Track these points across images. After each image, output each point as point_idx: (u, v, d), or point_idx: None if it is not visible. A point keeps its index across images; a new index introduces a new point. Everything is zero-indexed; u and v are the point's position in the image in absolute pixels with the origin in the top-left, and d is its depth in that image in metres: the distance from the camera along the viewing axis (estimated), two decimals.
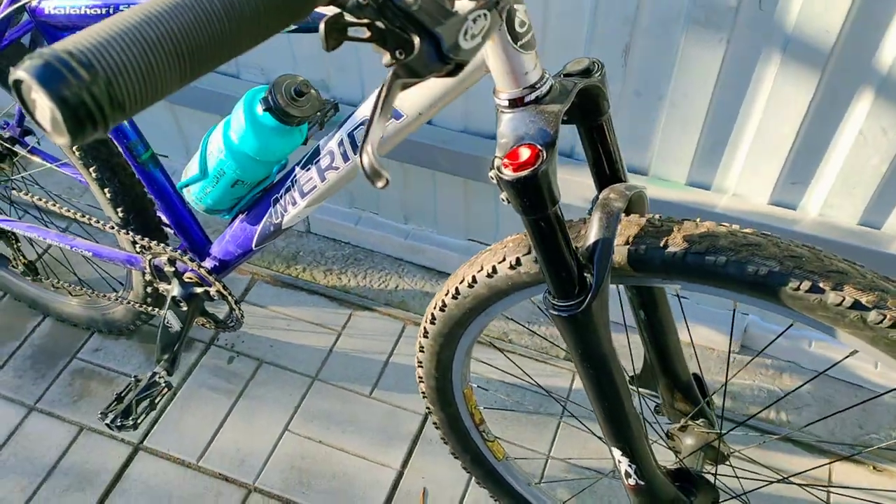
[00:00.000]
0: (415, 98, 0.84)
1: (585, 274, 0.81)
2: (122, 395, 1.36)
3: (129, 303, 1.48)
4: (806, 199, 1.37)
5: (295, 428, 1.58)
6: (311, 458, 1.53)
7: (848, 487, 1.46)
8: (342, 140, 0.93)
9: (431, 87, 0.82)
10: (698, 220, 0.83)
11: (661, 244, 0.81)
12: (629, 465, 0.96)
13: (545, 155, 0.72)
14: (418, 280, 1.84)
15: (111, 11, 0.97)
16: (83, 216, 1.26)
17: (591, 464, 1.50)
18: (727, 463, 1.10)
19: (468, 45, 0.47)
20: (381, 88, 0.46)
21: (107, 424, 1.31)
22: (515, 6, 0.69)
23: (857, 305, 0.73)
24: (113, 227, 1.26)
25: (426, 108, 0.84)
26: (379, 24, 0.45)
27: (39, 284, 1.67)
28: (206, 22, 0.35)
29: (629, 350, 1.13)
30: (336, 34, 0.44)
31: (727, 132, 1.32)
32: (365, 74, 1.54)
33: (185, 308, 1.29)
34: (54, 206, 1.29)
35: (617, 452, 0.95)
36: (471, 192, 1.67)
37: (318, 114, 1.00)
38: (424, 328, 1.08)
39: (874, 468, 1.51)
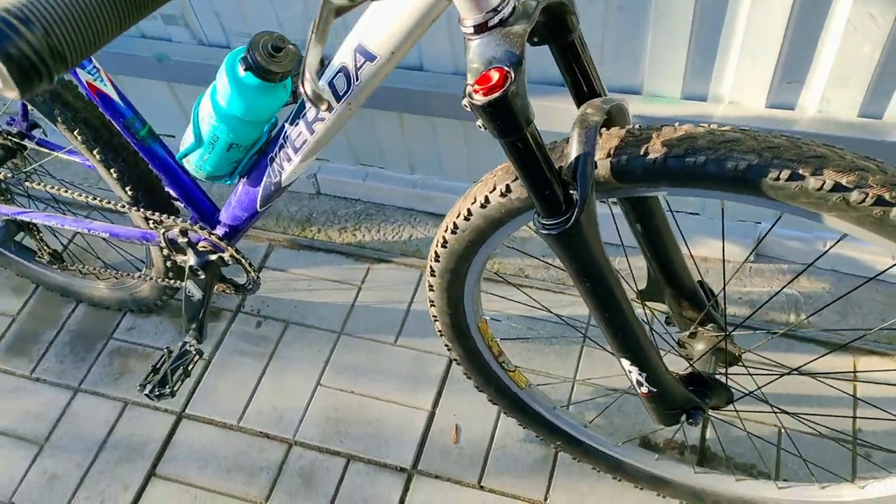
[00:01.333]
0: (385, 38, 0.85)
1: (571, 191, 0.83)
2: (158, 366, 1.42)
3: (152, 279, 1.53)
4: (803, 98, 1.36)
5: (326, 382, 1.63)
6: (345, 409, 1.59)
7: (856, 372, 1.48)
8: (324, 89, 0.95)
9: (399, 25, 0.83)
10: (677, 124, 0.84)
11: (642, 152, 0.82)
12: (639, 374, 0.98)
13: (513, 75, 0.74)
14: (430, 228, 1.86)
15: None
16: (95, 199, 1.30)
17: (616, 383, 1.53)
18: (740, 364, 1.12)
19: None
20: (317, 16, 0.48)
21: (146, 395, 1.37)
22: None
23: (838, 187, 0.74)
24: (124, 207, 1.30)
25: (397, 47, 0.85)
26: None
27: (68, 272, 1.73)
28: None
29: (630, 270, 1.15)
30: None
31: (715, 39, 1.31)
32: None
33: (203, 276, 1.33)
34: (67, 192, 1.33)
35: (626, 363, 0.98)
36: (471, 134, 1.68)
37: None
38: (431, 267, 1.11)
39: None
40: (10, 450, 1.61)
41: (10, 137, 1.44)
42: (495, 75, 0.74)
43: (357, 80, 0.90)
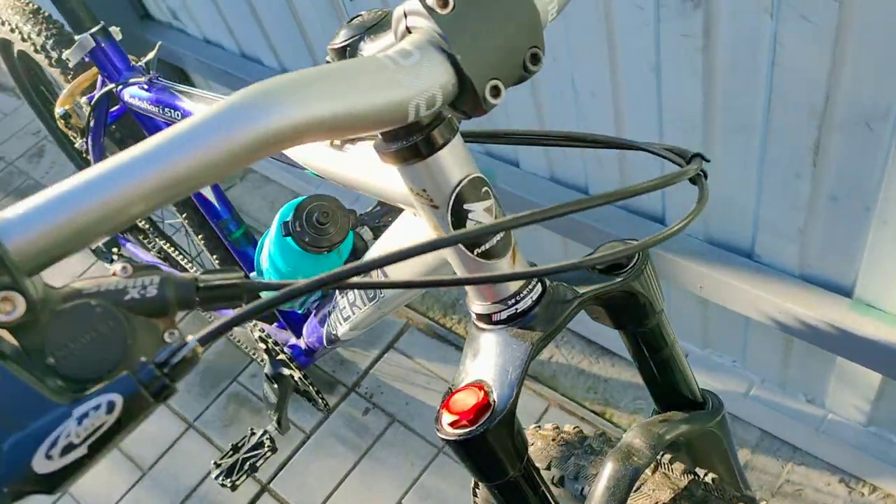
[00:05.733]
0: (397, 269, 0.66)
1: None
2: (238, 445, 1.38)
3: None
4: None
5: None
6: None
7: None
8: None
9: (408, 264, 0.64)
10: None
11: None
12: None
13: (499, 406, 0.52)
14: (576, 354, 1.62)
15: (162, 111, 0.92)
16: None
17: None
18: None
19: (46, 470, 0.29)
20: None
21: (213, 478, 1.34)
22: (469, 206, 0.50)
23: None
24: None
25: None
26: None
27: None
28: None
29: None
30: None
31: None
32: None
33: (275, 385, 1.24)
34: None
35: None
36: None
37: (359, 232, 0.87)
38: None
39: None
40: (119, 468, 1.68)
41: None
42: (472, 399, 0.52)
43: (382, 295, 0.73)
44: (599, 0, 0.99)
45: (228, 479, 1.32)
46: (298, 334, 1.21)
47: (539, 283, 0.54)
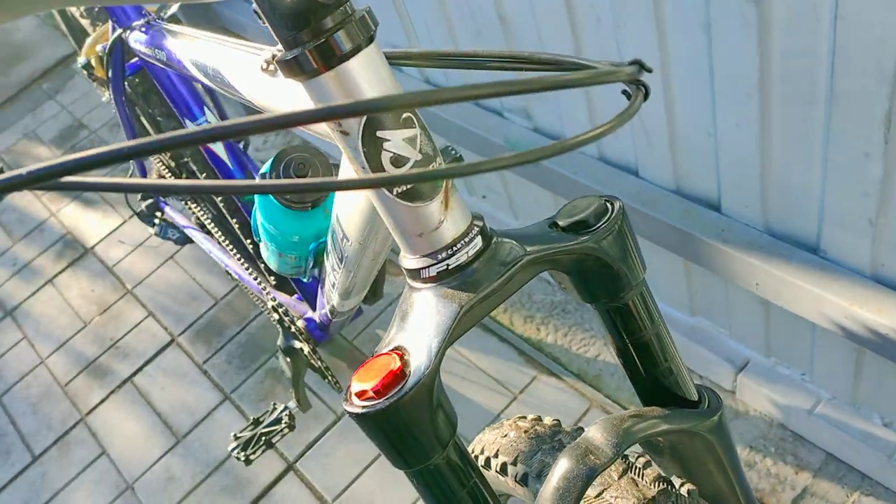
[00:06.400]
0: (349, 222, 0.59)
1: None
2: (260, 420, 1.34)
3: None
4: None
5: None
6: None
7: None
8: (333, 245, 0.71)
9: (358, 215, 0.56)
10: None
11: None
12: None
13: (413, 377, 0.43)
14: None
15: (155, 53, 0.87)
16: (225, 240, 1.23)
17: None
18: None
19: None
20: None
21: (228, 450, 1.30)
22: (383, 133, 0.41)
23: None
24: (240, 260, 1.21)
25: (364, 237, 0.58)
26: None
27: None
28: None
29: None
30: None
31: None
32: (563, 105, 1.25)
33: (287, 358, 1.19)
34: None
35: None
36: (693, 271, 1.28)
37: None
38: None
39: None
40: (155, 434, 1.68)
41: None
42: (388, 366, 0.44)
43: (345, 254, 0.65)
44: None
45: (243, 453, 1.28)
46: (314, 307, 1.15)
47: (479, 237, 0.45)
